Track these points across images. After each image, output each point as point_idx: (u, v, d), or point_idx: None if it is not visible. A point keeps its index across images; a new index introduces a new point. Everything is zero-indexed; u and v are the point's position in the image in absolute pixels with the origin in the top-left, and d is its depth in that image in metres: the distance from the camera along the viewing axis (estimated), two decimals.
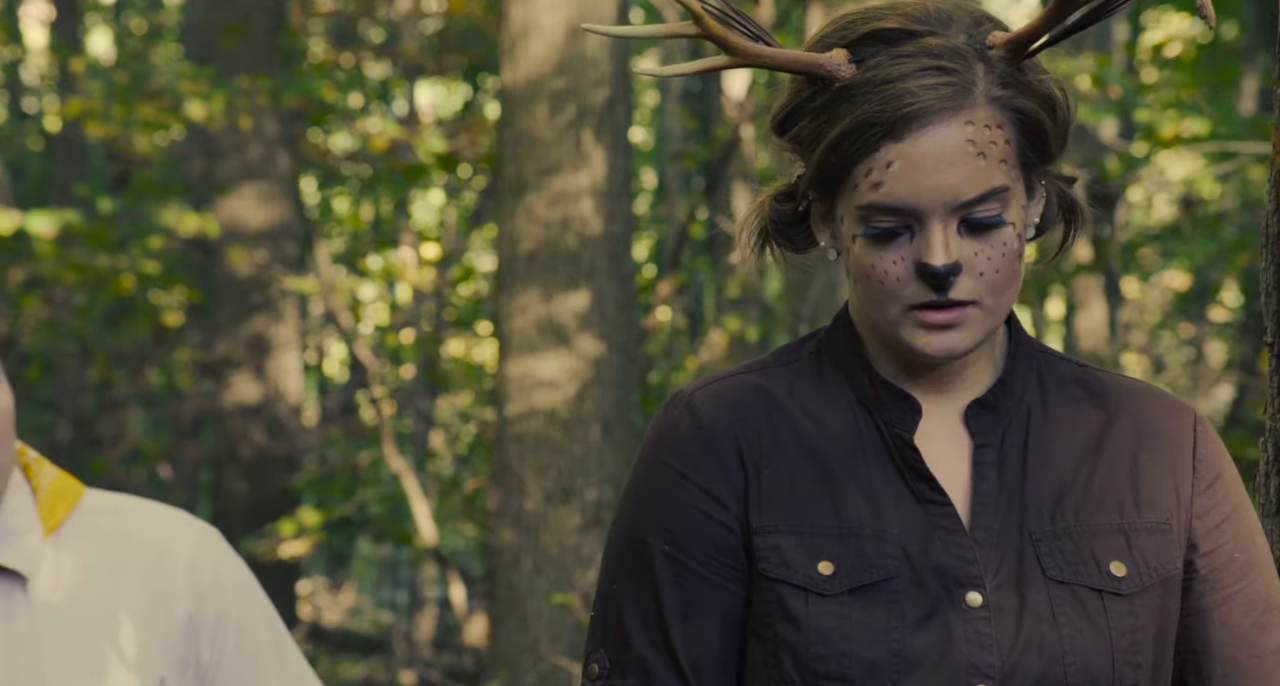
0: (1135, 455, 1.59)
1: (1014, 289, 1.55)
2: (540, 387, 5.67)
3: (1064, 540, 1.56)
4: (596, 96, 5.71)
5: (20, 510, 1.98)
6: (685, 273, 8.97)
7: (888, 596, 1.54)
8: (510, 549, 5.71)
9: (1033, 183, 1.57)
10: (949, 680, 1.53)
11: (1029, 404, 1.61)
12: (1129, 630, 1.54)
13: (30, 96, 15.80)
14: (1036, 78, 1.54)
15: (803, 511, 1.57)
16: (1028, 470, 1.58)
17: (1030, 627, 1.53)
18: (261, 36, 8.77)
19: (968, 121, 1.51)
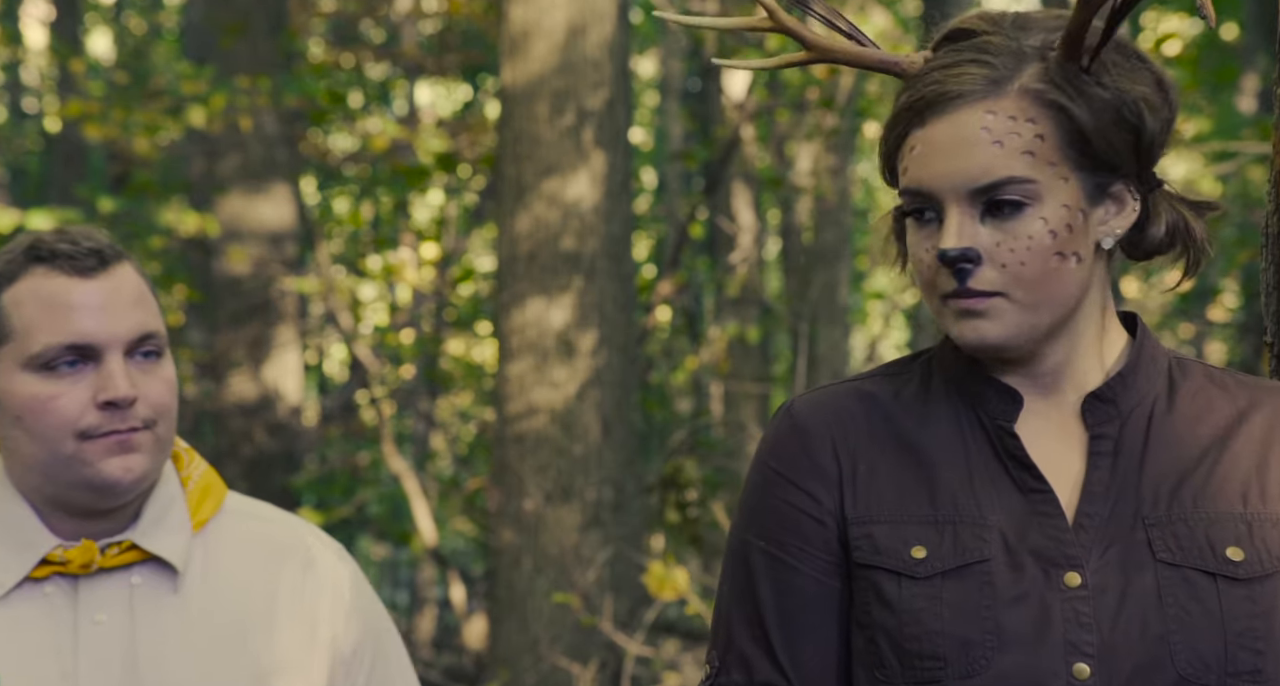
0: (1267, 449, 1.61)
1: (1053, 286, 1.56)
2: (540, 387, 5.67)
3: (1179, 525, 1.58)
4: (596, 97, 5.71)
5: (173, 502, 1.95)
6: (685, 272, 8.97)
7: (982, 577, 1.58)
8: (510, 549, 5.71)
9: (1102, 187, 1.58)
10: (1047, 657, 1.55)
11: (1154, 398, 1.64)
12: (1245, 615, 1.54)
13: (30, 97, 15.81)
14: (1111, 83, 1.56)
15: (898, 501, 1.63)
16: (1147, 460, 1.61)
17: (1133, 608, 1.55)
18: (261, 37, 8.77)
19: (989, 110, 1.55)
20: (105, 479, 1.85)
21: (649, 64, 14.64)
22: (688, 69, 12.12)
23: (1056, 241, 1.55)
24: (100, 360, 1.87)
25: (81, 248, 1.88)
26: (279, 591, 1.97)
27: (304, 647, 1.96)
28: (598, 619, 5.56)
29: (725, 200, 9.96)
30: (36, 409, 1.86)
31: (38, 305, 1.86)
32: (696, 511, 7.50)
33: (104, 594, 1.90)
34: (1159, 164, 1.64)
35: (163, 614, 1.91)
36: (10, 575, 1.88)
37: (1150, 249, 1.63)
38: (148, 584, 1.92)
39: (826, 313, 8.92)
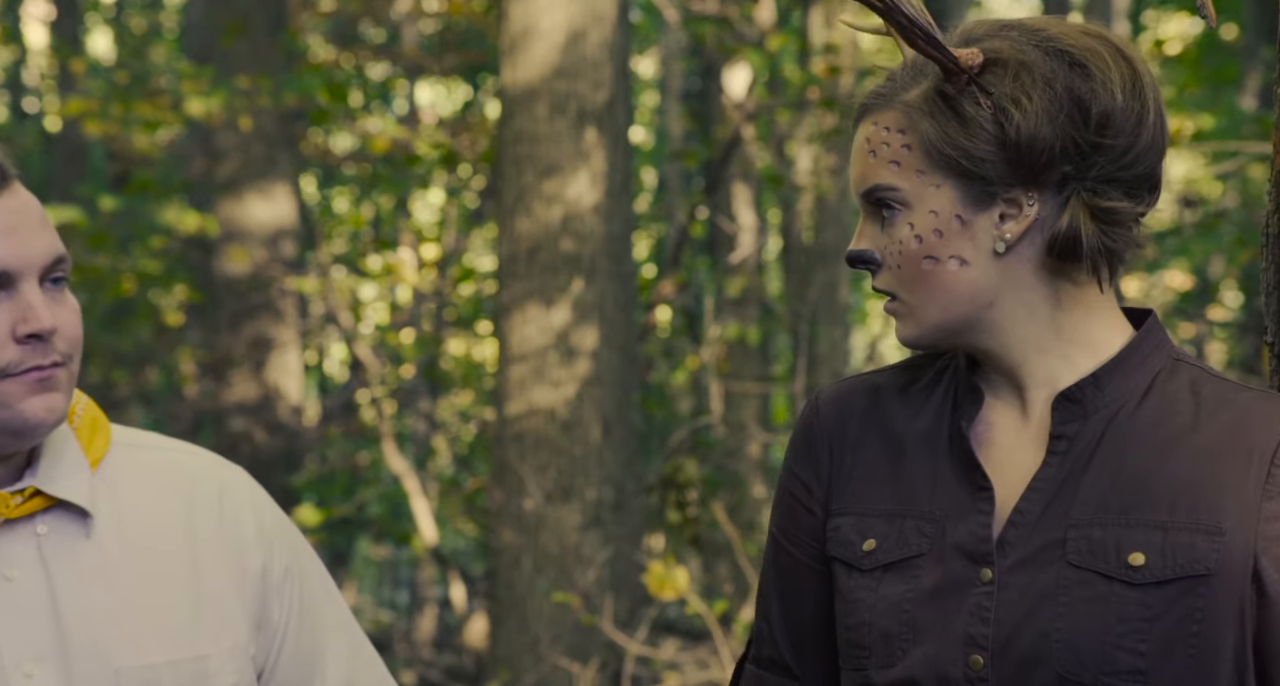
0: (1214, 460, 1.61)
1: (932, 288, 1.64)
2: (540, 387, 5.67)
3: (1096, 528, 1.61)
4: (597, 96, 5.71)
5: (66, 441, 1.78)
6: (685, 272, 8.97)
7: (912, 571, 1.67)
8: (510, 548, 5.71)
9: (991, 194, 1.64)
10: (948, 648, 1.63)
11: (1124, 401, 1.66)
12: (1134, 618, 1.57)
13: (30, 96, 15.81)
14: (995, 100, 1.62)
15: (868, 495, 1.73)
16: (1093, 461, 1.64)
17: (1031, 605, 1.60)
18: (262, 36, 8.77)
19: (874, 122, 1.68)
20: (26, 420, 1.68)
21: (649, 63, 14.64)
22: (688, 68, 12.12)
23: (924, 246, 1.64)
24: (13, 289, 1.69)
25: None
26: (197, 523, 1.83)
27: (234, 580, 1.82)
28: (598, 618, 5.56)
29: (725, 200, 9.96)
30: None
31: None
32: (696, 511, 7.49)
33: (10, 548, 1.73)
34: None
35: (79, 562, 1.75)
36: None
37: (1055, 253, 1.65)
38: (55, 532, 1.75)
39: (827, 312, 8.92)
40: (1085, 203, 1.64)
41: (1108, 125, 1.62)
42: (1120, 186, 1.64)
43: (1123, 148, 1.63)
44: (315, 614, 1.89)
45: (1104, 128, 1.62)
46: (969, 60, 1.63)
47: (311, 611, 1.89)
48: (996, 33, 1.67)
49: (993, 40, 1.66)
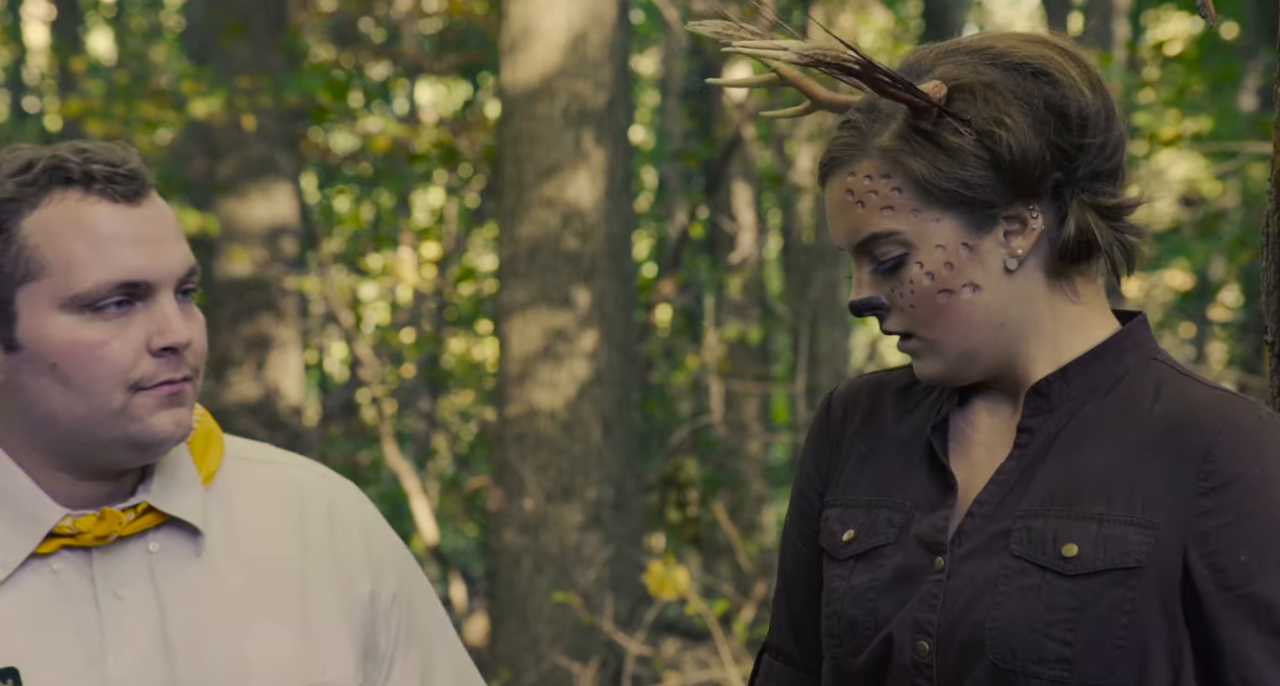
0: (1154, 454, 1.63)
1: (951, 321, 1.67)
2: (540, 387, 5.67)
3: (1039, 519, 1.64)
4: (597, 96, 5.71)
5: (180, 456, 1.73)
6: (685, 272, 8.97)
7: (879, 561, 1.72)
8: (511, 548, 5.71)
9: (992, 216, 1.66)
10: (901, 634, 1.67)
11: (1089, 395, 1.68)
12: (1062, 607, 1.59)
13: (31, 96, 15.81)
14: (974, 126, 1.64)
15: (854, 487, 1.78)
16: (1050, 455, 1.67)
17: (974, 593, 1.64)
18: (262, 36, 8.77)
19: (850, 173, 1.68)
20: (155, 435, 1.63)
21: (649, 63, 14.64)
22: (688, 68, 12.12)
23: (936, 281, 1.66)
24: (150, 300, 1.63)
25: (120, 170, 1.64)
26: (308, 544, 1.76)
27: (343, 605, 1.76)
28: (598, 618, 5.56)
29: (726, 199, 9.96)
30: (81, 356, 1.61)
31: (78, 236, 1.61)
32: (697, 511, 7.49)
33: (122, 565, 1.67)
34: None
35: (189, 582, 1.69)
36: (14, 553, 1.64)
37: (1069, 257, 1.68)
38: (167, 550, 1.69)
39: (827, 312, 8.92)
40: (1087, 203, 1.66)
41: (1086, 125, 1.65)
42: (1104, 180, 1.68)
43: (1101, 143, 1.66)
44: (422, 644, 1.83)
45: (1083, 128, 1.65)
46: (934, 93, 1.64)
47: (419, 641, 1.83)
48: (945, 59, 1.68)
49: (944, 67, 1.67)
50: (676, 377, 9.92)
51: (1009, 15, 17.62)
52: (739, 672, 5.69)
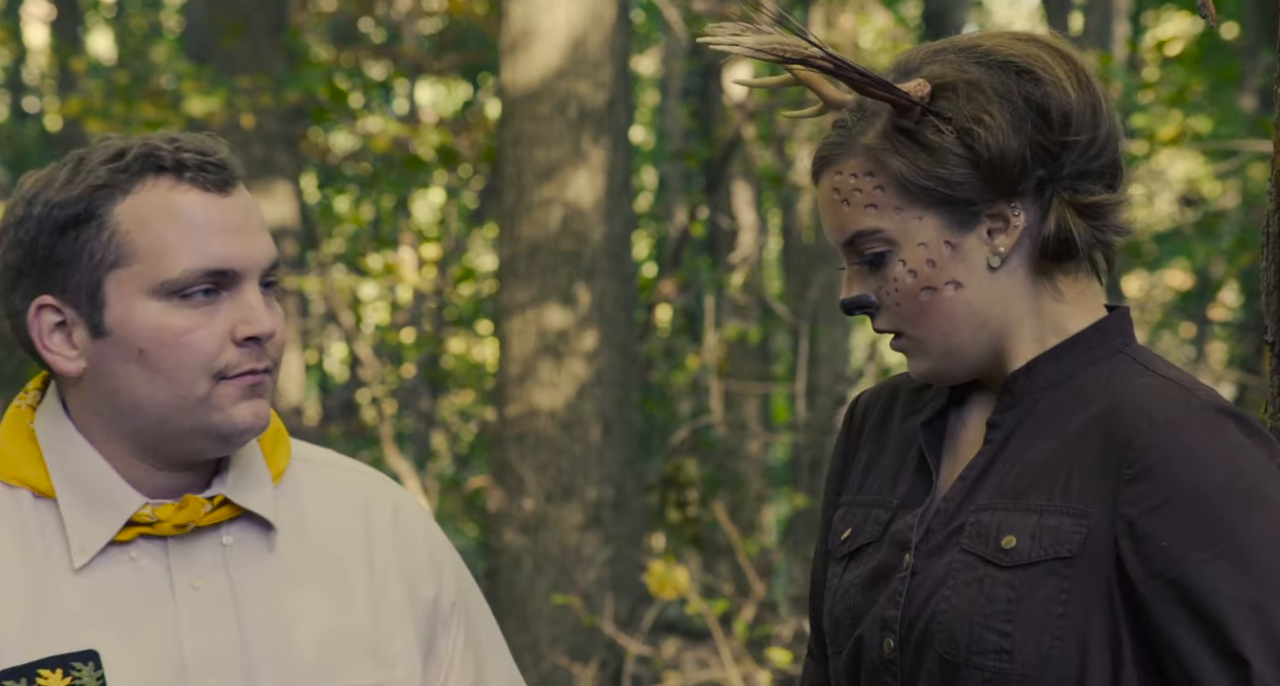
0: (1089, 444, 1.64)
1: (935, 318, 1.68)
2: (540, 387, 5.67)
3: (986, 513, 1.66)
4: (597, 96, 5.71)
5: (253, 452, 1.74)
6: (685, 272, 8.97)
7: (864, 560, 1.75)
8: (511, 548, 5.71)
9: (974, 214, 1.67)
10: (870, 632, 1.70)
11: (1050, 389, 1.69)
12: (1001, 599, 1.61)
13: (31, 95, 15.81)
14: (955, 124, 1.65)
15: (859, 487, 1.81)
16: (1006, 449, 1.69)
17: (930, 589, 1.66)
18: (263, 36, 8.77)
19: (837, 172, 1.70)
20: (235, 426, 1.64)
21: (649, 63, 14.64)
22: (688, 68, 12.12)
23: (919, 279, 1.67)
24: (236, 289, 1.65)
25: (211, 159, 1.66)
26: (375, 546, 1.77)
27: (409, 607, 1.76)
28: (598, 618, 5.56)
29: (726, 199, 9.96)
30: (169, 343, 1.62)
31: (169, 223, 1.62)
32: (697, 511, 7.49)
33: (198, 556, 1.67)
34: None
35: (262, 575, 1.69)
36: (95, 538, 1.64)
37: (1049, 255, 1.68)
38: (240, 543, 1.70)
39: (827, 312, 8.91)
40: (1068, 201, 1.67)
41: (1069, 123, 1.66)
42: (1092, 178, 1.68)
43: (1087, 141, 1.67)
44: (478, 655, 1.83)
45: (1066, 127, 1.66)
46: (917, 92, 1.66)
47: (475, 652, 1.83)
48: (932, 58, 1.70)
49: (931, 66, 1.68)
50: (676, 378, 9.92)
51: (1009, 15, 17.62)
52: (739, 672, 5.69)
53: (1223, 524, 1.55)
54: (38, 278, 1.64)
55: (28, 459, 1.67)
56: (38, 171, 1.68)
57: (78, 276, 1.63)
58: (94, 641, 1.62)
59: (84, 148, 1.69)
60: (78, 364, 1.65)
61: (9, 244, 1.65)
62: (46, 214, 1.63)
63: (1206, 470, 1.56)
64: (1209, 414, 1.59)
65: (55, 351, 1.65)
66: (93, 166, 1.65)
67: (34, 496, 1.66)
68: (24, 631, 1.61)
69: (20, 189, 1.67)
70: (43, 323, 1.65)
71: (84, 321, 1.63)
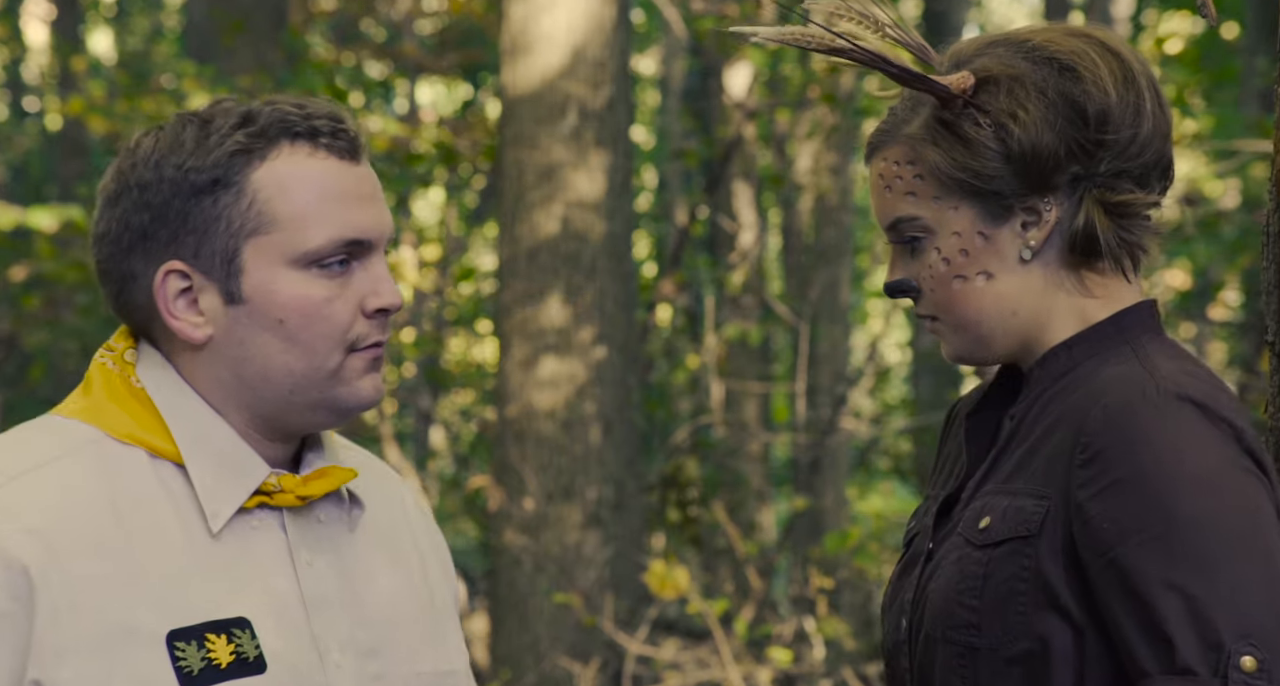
0: (1058, 429, 1.68)
1: (965, 306, 1.72)
2: (541, 386, 5.67)
3: (981, 499, 1.72)
4: (597, 96, 5.71)
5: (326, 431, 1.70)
6: (686, 271, 8.97)
7: (910, 551, 1.81)
8: (511, 548, 5.71)
9: (1008, 207, 1.70)
10: (896, 617, 1.77)
11: (1056, 380, 1.73)
12: (972, 576, 1.66)
13: (31, 95, 15.81)
14: (992, 118, 1.68)
15: (932, 481, 1.87)
16: (1014, 438, 1.74)
17: (934, 570, 1.73)
18: (263, 35, 8.77)
19: (883, 158, 1.75)
20: (359, 398, 1.62)
21: (650, 62, 14.64)
22: (688, 68, 12.12)
23: (952, 267, 1.72)
24: (365, 260, 1.62)
25: (342, 127, 1.63)
26: (416, 534, 1.77)
27: (451, 596, 1.78)
28: (598, 618, 5.56)
29: (726, 199, 9.96)
30: (309, 313, 1.59)
31: (310, 191, 1.60)
32: (697, 510, 7.49)
33: (307, 530, 1.65)
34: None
35: (355, 555, 1.67)
36: (227, 504, 1.60)
37: (1076, 251, 1.72)
38: (332, 520, 1.67)
39: (828, 311, 8.92)
40: (1097, 199, 1.69)
41: (1106, 122, 1.67)
42: (1130, 178, 1.70)
43: (1126, 140, 1.68)
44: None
45: (1103, 125, 1.67)
46: (960, 84, 1.69)
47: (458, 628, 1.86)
48: (984, 50, 1.72)
49: (981, 59, 1.71)
50: (677, 377, 9.92)
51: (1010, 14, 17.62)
52: (740, 672, 5.69)
53: (1159, 508, 1.58)
54: (167, 242, 1.60)
55: (140, 419, 1.61)
56: (149, 132, 1.64)
57: (214, 242, 1.59)
58: (241, 608, 1.58)
59: (192, 110, 1.65)
60: (204, 331, 1.61)
61: (132, 207, 1.61)
62: (181, 177, 1.59)
63: (1149, 454, 1.59)
64: (1164, 400, 1.61)
65: (181, 318, 1.61)
66: (225, 130, 1.61)
67: (150, 456, 1.61)
68: (183, 592, 1.56)
69: (137, 150, 1.62)
70: (169, 288, 1.60)
71: (217, 288, 1.60)
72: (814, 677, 6.11)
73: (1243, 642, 1.52)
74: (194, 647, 1.54)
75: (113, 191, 1.63)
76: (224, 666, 1.55)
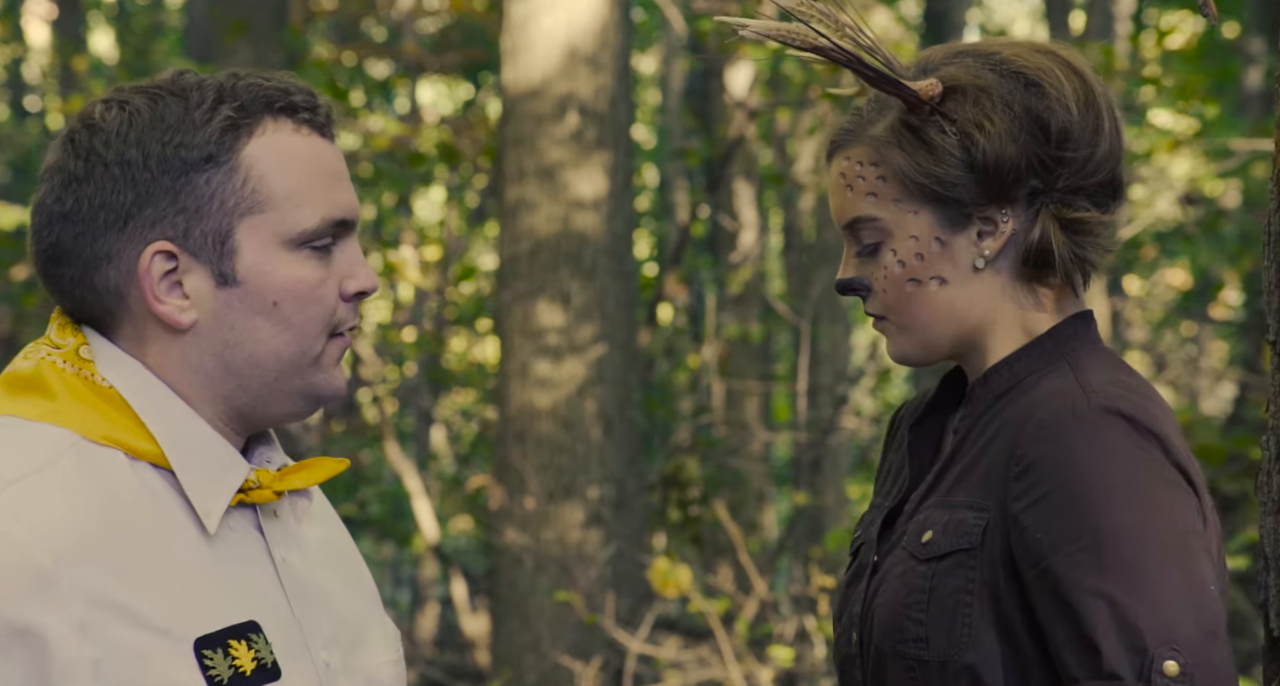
0: (996, 446, 1.71)
1: (916, 309, 1.74)
2: (542, 386, 5.67)
3: (924, 513, 1.74)
4: (598, 95, 5.71)
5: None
6: (687, 270, 8.97)
7: (855, 563, 1.83)
8: (512, 547, 5.71)
9: (967, 214, 1.72)
10: (846, 630, 1.79)
11: (997, 397, 1.75)
12: (917, 590, 1.69)
13: (32, 94, 15.81)
14: (959, 127, 1.70)
15: (876, 490, 1.89)
16: (957, 453, 1.76)
17: (878, 585, 1.75)
18: (264, 35, 8.77)
19: (845, 157, 1.76)
20: (334, 387, 1.56)
21: (651, 61, 14.64)
22: (689, 66, 12.12)
23: (907, 270, 1.74)
24: (344, 241, 1.56)
25: (316, 102, 1.55)
26: (338, 525, 1.72)
27: (372, 585, 1.73)
28: (600, 617, 5.56)
29: (727, 198, 9.96)
30: (303, 295, 1.53)
31: (300, 168, 1.53)
32: (698, 510, 7.49)
33: (273, 526, 1.58)
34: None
35: (310, 545, 1.62)
36: (216, 503, 1.52)
37: (1030, 263, 1.74)
38: (284, 513, 1.60)
39: (828, 310, 8.91)
40: (1054, 214, 1.73)
41: (1067, 139, 1.71)
42: (1085, 195, 1.73)
43: (1083, 158, 1.72)
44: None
45: (1064, 142, 1.71)
46: (928, 91, 1.71)
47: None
48: (952, 60, 1.75)
49: (949, 67, 1.74)
50: (678, 376, 9.92)
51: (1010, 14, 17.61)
52: (741, 671, 5.69)
53: (1089, 518, 1.61)
54: (154, 222, 1.51)
55: (113, 420, 1.52)
56: (107, 105, 1.54)
57: (205, 222, 1.51)
58: (248, 611, 1.52)
59: (151, 83, 1.55)
60: (190, 315, 1.52)
61: (110, 185, 1.51)
62: (171, 153, 1.51)
63: (1078, 467, 1.62)
64: (1094, 414, 1.64)
65: (167, 301, 1.52)
66: (209, 104, 1.53)
67: (129, 458, 1.52)
68: (196, 597, 1.50)
69: (102, 125, 1.53)
70: (155, 270, 1.51)
71: (207, 270, 1.52)
72: (815, 676, 6.11)
73: (1165, 648, 1.56)
74: (220, 655, 1.49)
75: (78, 169, 1.52)
76: (249, 673, 1.50)
